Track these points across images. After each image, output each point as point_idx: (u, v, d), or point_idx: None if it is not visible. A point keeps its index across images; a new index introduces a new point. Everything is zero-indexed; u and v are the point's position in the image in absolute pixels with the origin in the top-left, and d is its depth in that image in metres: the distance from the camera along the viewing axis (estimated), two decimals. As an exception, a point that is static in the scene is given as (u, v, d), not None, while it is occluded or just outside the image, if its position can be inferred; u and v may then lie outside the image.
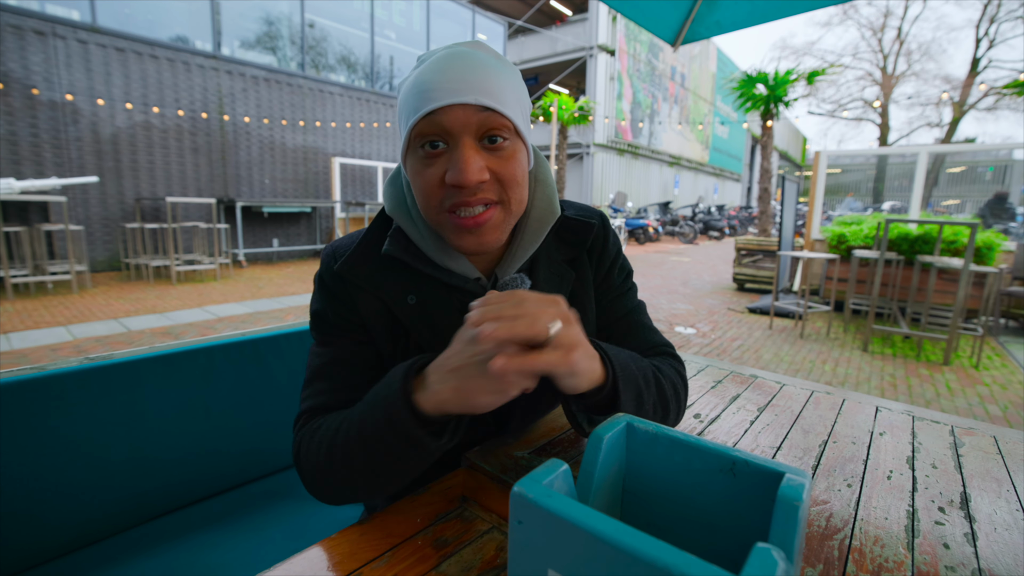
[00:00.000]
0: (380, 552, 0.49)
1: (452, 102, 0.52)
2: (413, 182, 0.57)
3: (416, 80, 0.54)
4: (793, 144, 35.68)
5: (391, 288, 0.61)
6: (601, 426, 0.42)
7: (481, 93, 0.53)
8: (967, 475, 0.63)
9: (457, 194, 0.54)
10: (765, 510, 0.36)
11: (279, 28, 8.48)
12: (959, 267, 3.66)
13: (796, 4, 1.70)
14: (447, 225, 0.57)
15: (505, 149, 0.55)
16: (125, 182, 6.87)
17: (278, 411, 1.07)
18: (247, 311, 4.86)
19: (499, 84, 0.54)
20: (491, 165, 0.55)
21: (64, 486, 0.81)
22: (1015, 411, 2.89)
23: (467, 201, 0.54)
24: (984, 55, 20.40)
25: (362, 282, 0.61)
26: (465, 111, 0.52)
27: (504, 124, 0.54)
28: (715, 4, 1.83)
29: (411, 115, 0.53)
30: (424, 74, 0.54)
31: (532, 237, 0.64)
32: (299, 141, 8.73)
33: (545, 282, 0.65)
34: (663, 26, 1.90)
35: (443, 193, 0.55)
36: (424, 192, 0.56)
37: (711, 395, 0.87)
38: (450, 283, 0.62)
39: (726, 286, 7.17)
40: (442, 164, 0.54)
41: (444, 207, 0.56)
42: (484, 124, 0.53)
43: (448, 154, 0.54)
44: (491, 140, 0.54)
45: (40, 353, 3.41)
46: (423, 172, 0.55)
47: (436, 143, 0.54)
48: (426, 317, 0.61)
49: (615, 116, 17.12)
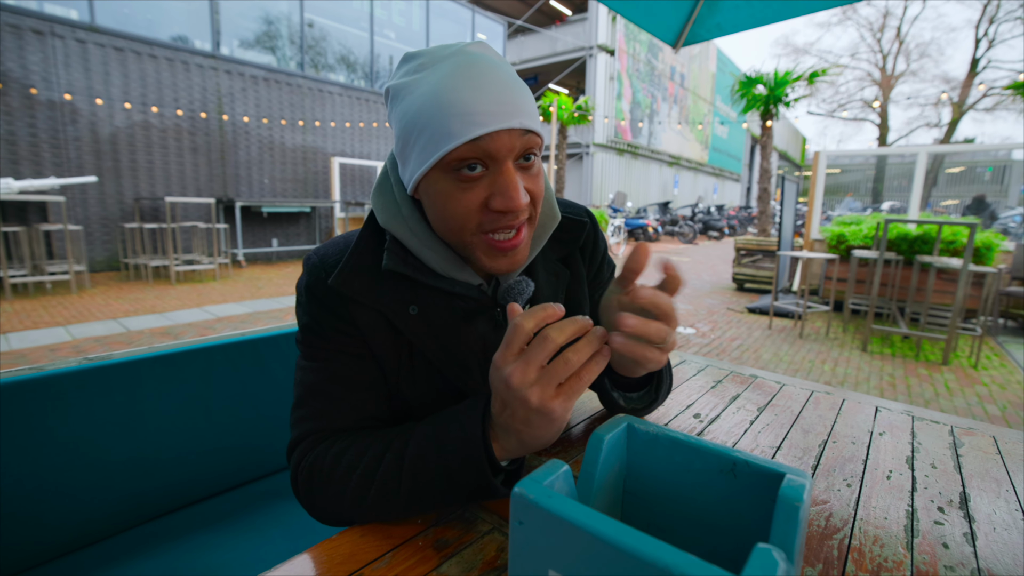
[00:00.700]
0: (381, 553, 0.49)
1: (501, 127, 0.49)
2: (440, 205, 0.54)
3: (447, 97, 0.49)
4: (792, 144, 35.71)
5: (391, 301, 0.58)
6: (601, 427, 0.42)
7: (525, 115, 0.51)
8: (966, 475, 0.63)
9: (500, 219, 0.53)
10: (765, 510, 0.36)
11: (278, 28, 8.47)
12: (958, 267, 3.66)
13: (797, 6, 1.70)
14: (480, 247, 0.55)
15: (535, 166, 0.55)
16: (124, 182, 6.86)
17: (278, 411, 1.07)
18: (246, 311, 4.85)
19: (531, 100, 0.54)
20: (526, 184, 0.53)
21: (63, 486, 0.81)
22: (1014, 411, 2.89)
23: (510, 224, 0.53)
24: (983, 55, 20.42)
25: (358, 296, 0.58)
26: (511, 136, 0.50)
27: (538, 143, 0.54)
28: (716, 6, 1.83)
29: (449, 140, 0.49)
30: (455, 90, 0.49)
31: (536, 243, 0.63)
32: (298, 141, 8.72)
33: (545, 284, 0.65)
34: (664, 28, 1.90)
35: (481, 217, 0.53)
36: (458, 216, 0.53)
37: (711, 395, 0.87)
38: (452, 291, 0.60)
39: (725, 286, 7.17)
40: (483, 188, 0.52)
41: (480, 230, 0.54)
42: (525, 146, 0.52)
43: (488, 178, 0.52)
44: (526, 159, 0.53)
45: (39, 353, 3.40)
46: (459, 197, 0.52)
47: (474, 166, 0.51)
48: (430, 327, 0.60)
49: (615, 116, 17.12)
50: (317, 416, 0.57)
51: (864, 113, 26.42)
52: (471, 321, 0.62)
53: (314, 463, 0.54)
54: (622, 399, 0.62)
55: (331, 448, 0.55)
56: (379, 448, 0.53)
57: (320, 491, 0.53)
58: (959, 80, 23.31)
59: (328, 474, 0.53)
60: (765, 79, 8.16)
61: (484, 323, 0.63)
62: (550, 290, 0.65)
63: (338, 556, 0.49)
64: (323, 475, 0.53)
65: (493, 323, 0.63)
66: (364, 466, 0.52)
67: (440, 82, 0.50)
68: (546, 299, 0.64)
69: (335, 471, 0.53)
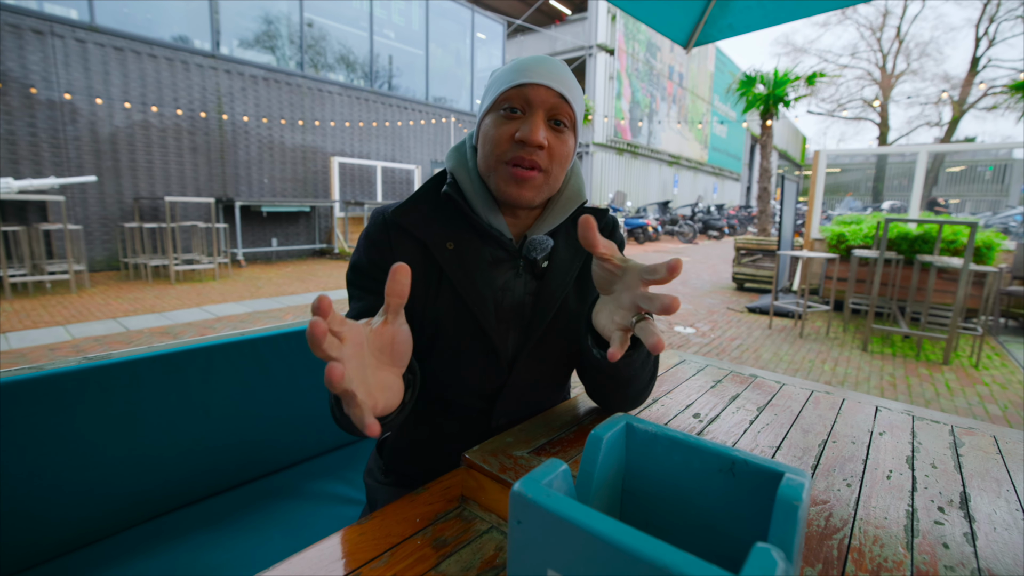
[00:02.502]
0: (379, 552, 0.49)
1: (540, 82, 0.66)
2: (486, 135, 0.69)
3: (515, 63, 0.69)
4: (792, 143, 35.69)
5: (435, 232, 0.71)
6: (600, 426, 0.42)
7: (561, 85, 0.68)
8: (967, 475, 0.63)
9: (520, 148, 0.66)
10: (765, 510, 0.36)
11: (278, 27, 8.46)
12: (959, 266, 3.66)
13: (808, 6, 1.69)
14: (502, 173, 0.68)
15: (563, 132, 0.69)
16: (124, 181, 6.86)
17: (278, 411, 1.07)
18: (246, 311, 4.85)
19: (574, 86, 0.71)
20: (550, 139, 0.68)
21: (63, 485, 0.81)
22: (1015, 411, 2.89)
23: (524, 157, 0.66)
24: (984, 54, 20.42)
25: (410, 226, 0.70)
26: (548, 92, 0.67)
27: (568, 114, 0.69)
28: (728, 7, 1.82)
29: (504, 84, 0.68)
30: (523, 60, 0.69)
31: (560, 211, 0.75)
32: (298, 140, 8.72)
33: (564, 249, 0.77)
34: (676, 29, 1.90)
35: (508, 146, 0.67)
36: (495, 142, 0.68)
37: (710, 395, 0.87)
38: (487, 234, 0.72)
39: (725, 285, 7.17)
40: (516, 125, 0.67)
41: (505, 158, 0.68)
42: (556, 108, 0.68)
43: (523, 120, 0.67)
44: (556, 123, 0.68)
45: (39, 353, 3.40)
46: (500, 126, 0.68)
47: (515, 110, 0.67)
48: (462, 262, 0.70)
49: (614, 115, 17.11)
50: None
51: (864, 112, 26.43)
52: (496, 267, 0.74)
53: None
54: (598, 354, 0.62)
55: None
56: None
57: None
58: (959, 79, 23.32)
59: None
60: (765, 79, 8.16)
61: (507, 270, 0.74)
62: (569, 254, 0.77)
63: (337, 555, 0.49)
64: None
65: (515, 271, 0.74)
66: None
67: (518, 59, 0.70)
68: (563, 259, 0.76)
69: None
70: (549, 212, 0.75)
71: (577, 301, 0.77)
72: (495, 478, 0.57)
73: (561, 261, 0.76)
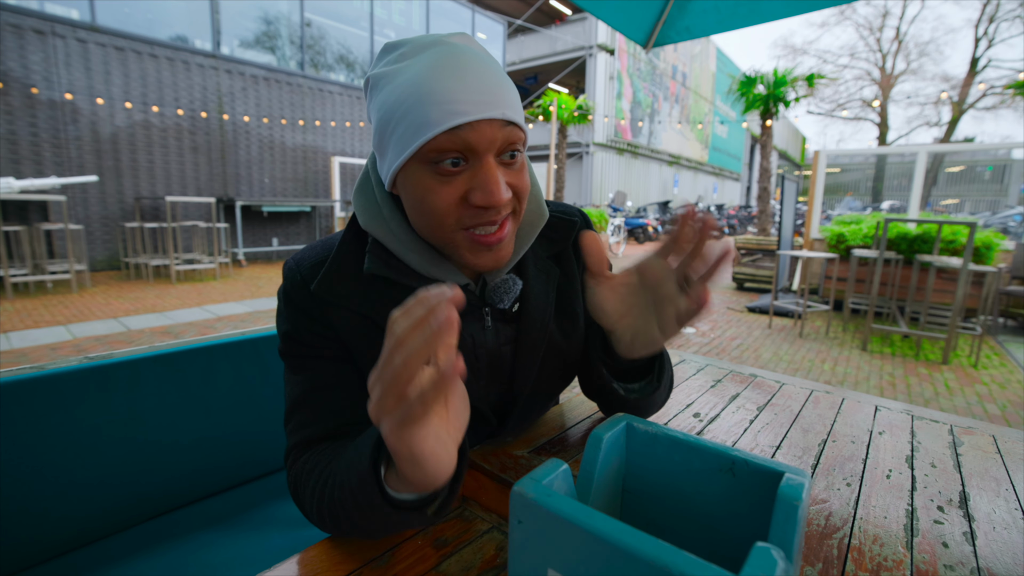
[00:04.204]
0: (380, 552, 0.49)
1: (482, 117, 0.48)
2: (418, 199, 0.52)
3: (427, 86, 0.48)
4: (792, 143, 35.68)
5: (376, 305, 0.57)
6: (600, 426, 0.42)
7: (508, 107, 0.50)
8: (966, 474, 0.63)
9: (481, 214, 0.51)
10: (765, 509, 0.36)
11: (278, 27, 8.46)
12: (958, 266, 3.66)
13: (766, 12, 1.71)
14: (462, 244, 0.53)
15: (519, 162, 0.54)
16: (125, 181, 6.86)
17: (278, 410, 1.07)
18: (247, 310, 4.85)
19: (514, 92, 0.52)
20: (509, 180, 0.52)
21: (64, 485, 0.81)
22: (1014, 410, 2.89)
23: (492, 220, 0.52)
24: (983, 54, 20.41)
25: (343, 301, 0.57)
26: (492, 127, 0.49)
27: (520, 138, 0.53)
28: (685, 9, 1.85)
29: (429, 128, 0.48)
30: (437, 80, 0.48)
31: (523, 241, 0.62)
32: (299, 140, 8.72)
33: (535, 281, 0.64)
34: (635, 29, 1.92)
35: (461, 212, 0.51)
36: (437, 211, 0.51)
37: (710, 394, 0.87)
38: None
39: (725, 285, 7.17)
40: (463, 183, 0.50)
41: (461, 225, 0.52)
42: (507, 140, 0.51)
43: (468, 172, 0.50)
44: (510, 155, 0.52)
45: (40, 352, 3.41)
46: (437, 191, 0.50)
47: (457, 160, 0.49)
48: None
49: (615, 115, 17.10)
50: (301, 428, 0.57)
51: (864, 112, 26.42)
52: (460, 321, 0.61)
53: (297, 479, 0.54)
54: (622, 389, 0.59)
55: (305, 464, 0.53)
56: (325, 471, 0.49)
57: (306, 507, 0.52)
58: (959, 79, 23.30)
59: (303, 491, 0.52)
60: (764, 79, 8.16)
61: (472, 322, 0.62)
62: (540, 288, 0.64)
63: (338, 555, 0.49)
64: (297, 496, 0.53)
65: (482, 323, 0.62)
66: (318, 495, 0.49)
67: (421, 71, 0.49)
68: (536, 297, 0.63)
69: (305, 490, 0.52)
70: None
71: (561, 335, 0.66)
72: (495, 478, 0.57)
73: (536, 296, 0.63)
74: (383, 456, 0.42)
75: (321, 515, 0.49)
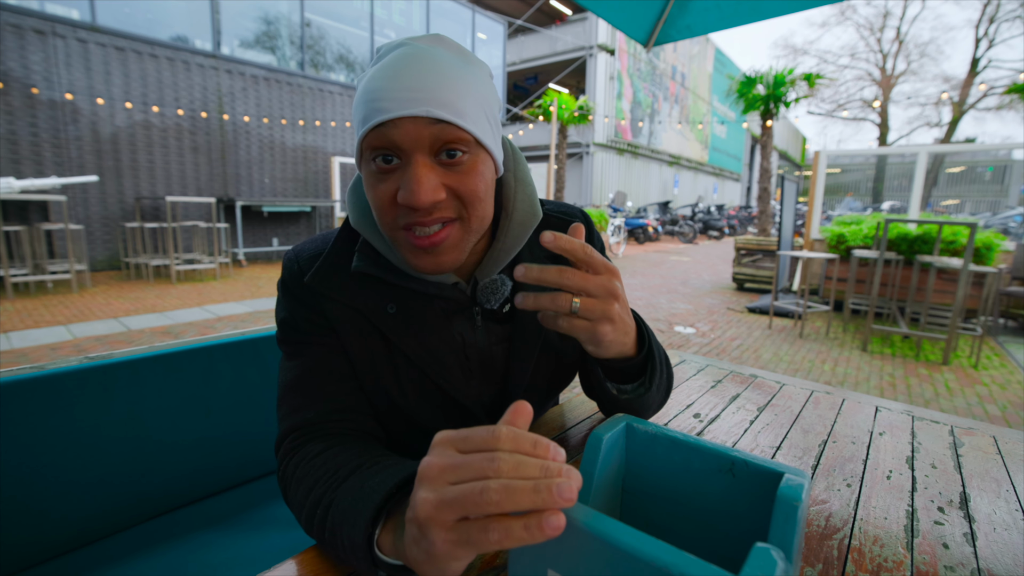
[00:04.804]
0: (380, 552, 0.49)
1: (401, 114, 0.47)
2: (368, 196, 0.53)
3: (367, 84, 0.49)
4: (792, 144, 35.68)
5: (368, 300, 0.58)
6: (600, 426, 0.42)
7: (434, 104, 0.48)
8: (966, 475, 0.63)
9: (411, 214, 0.50)
10: (764, 510, 0.36)
11: (278, 27, 8.47)
12: (958, 267, 3.66)
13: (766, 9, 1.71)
14: (402, 243, 0.53)
15: (464, 163, 0.51)
16: (125, 181, 6.87)
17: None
18: (247, 310, 4.85)
19: (457, 91, 0.49)
20: (448, 181, 0.51)
21: (65, 485, 0.81)
22: (1014, 411, 2.89)
23: (422, 221, 0.51)
24: (984, 55, 20.41)
25: (336, 295, 0.58)
26: (416, 124, 0.48)
27: (462, 137, 0.50)
28: (686, 7, 1.85)
29: (359, 126, 0.50)
30: (374, 78, 0.49)
31: (514, 241, 0.61)
32: (299, 140, 8.72)
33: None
34: (636, 27, 1.93)
35: (397, 211, 0.51)
36: (378, 208, 0.52)
37: (711, 395, 0.87)
38: (427, 292, 0.59)
39: (725, 286, 7.17)
40: (395, 180, 0.50)
41: (399, 224, 0.52)
42: (439, 138, 0.49)
43: (401, 170, 0.50)
44: (449, 155, 0.50)
45: (40, 352, 3.41)
46: (376, 187, 0.51)
47: (390, 157, 0.49)
48: (409, 326, 0.59)
49: (615, 115, 17.11)
50: (293, 412, 0.57)
51: (864, 113, 26.45)
52: (449, 319, 0.61)
53: (287, 471, 0.53)
54: (615, 389, 0.59)
55: (299, 465, 0.52)
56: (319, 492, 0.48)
57: (292, 502, 0.52)
58: (959, 79, 23.32)
59: (288, 496, 0.52)
60: (764, 79, 8.16)
61: (462, 322, 0.62)
62: (533, 289, 0.61)
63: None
64: (286, 494, 0.53)
65: (471, 322, 0.62)
66: (308, 508, 0.48)
67: (372, 72, 0.50)
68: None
69: (294, 486, 0.51)
70: (500, 243, 0.61)
71: (557, 335, 0.65)
72: (496, 478, 0.56)
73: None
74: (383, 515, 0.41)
75: (309, 528, 0.48)
